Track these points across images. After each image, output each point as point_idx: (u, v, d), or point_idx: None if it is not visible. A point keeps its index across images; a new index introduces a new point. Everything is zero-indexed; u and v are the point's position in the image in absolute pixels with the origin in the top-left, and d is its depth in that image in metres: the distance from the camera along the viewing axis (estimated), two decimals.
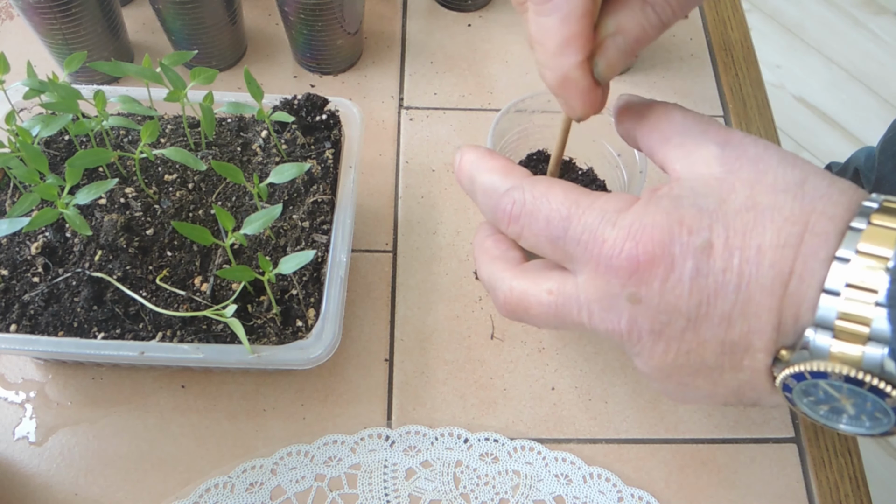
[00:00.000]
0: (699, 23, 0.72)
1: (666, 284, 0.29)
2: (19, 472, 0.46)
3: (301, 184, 0.50)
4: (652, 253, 0.29)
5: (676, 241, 0.29)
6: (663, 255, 0.29)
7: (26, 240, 0.47)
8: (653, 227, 0.29)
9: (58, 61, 0.63)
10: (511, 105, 0.46)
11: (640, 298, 0.30)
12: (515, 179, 0.34)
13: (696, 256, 0.29)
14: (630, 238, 0.29)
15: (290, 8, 0.60)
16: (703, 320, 0.29)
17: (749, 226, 0.29)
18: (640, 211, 0.30)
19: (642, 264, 0.29)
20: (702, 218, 0.29)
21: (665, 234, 0.29)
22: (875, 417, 0.28)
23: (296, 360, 0.42)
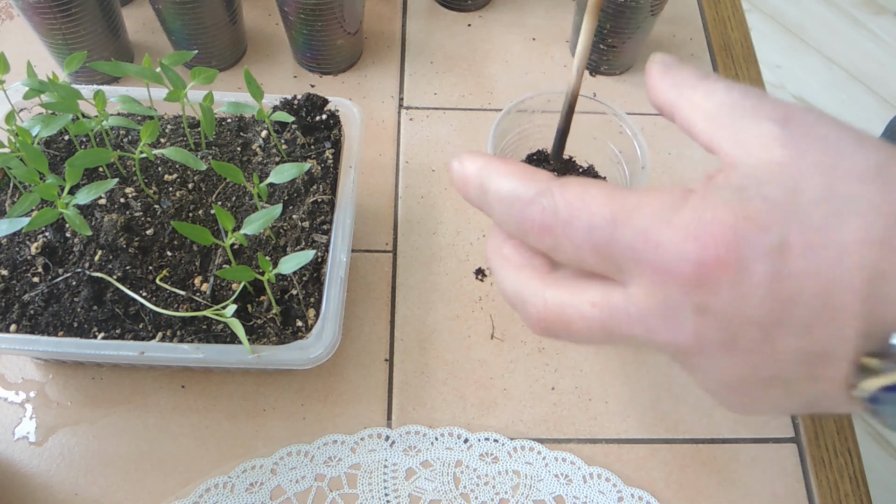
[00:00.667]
0: (699, 23, 0.72)
1: (737, 291, 0.25)
2: (19, 472, 0.46)
3: (301, 184, 0.50)
4: (718, 256, 0.25)
5: (747, 241, 0.25)
6: (732, 257, 0.25)
7: (26, 240, 0.47)
8: (716, 224, 0.25)
9: (58, 61, 0.63)
10: (512, 105, 0.46)
11: (708, 308, 0.26)
12: (540, 183, 0.29)
13: (770, 258, 0.25)
14: (691, 239, 0.25)
15: (290, 8, 0.60)
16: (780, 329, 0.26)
17: (828, 220, 0.25)
18: (699, 206, 0.26)
19: (708, 269, 0.25)
20: (773, 212, 0.25)
21: (732, 232, 0.25)
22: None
23: (296, 360, 0.42)
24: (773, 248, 0.25)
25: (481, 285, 0.55)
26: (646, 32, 0.64)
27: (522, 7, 0.72)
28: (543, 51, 0.69)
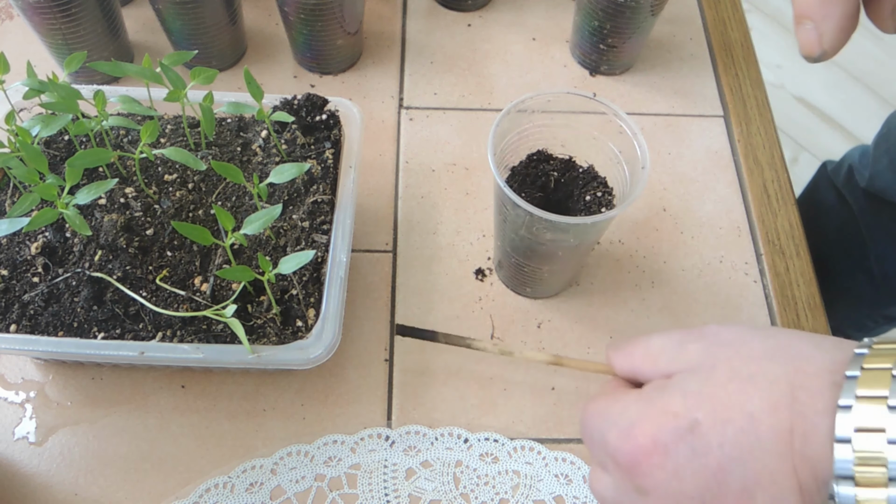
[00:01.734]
0: (699, 23, 0.72)
1: (666, 473, 0.31)
2: (19, 472, 0.46)
3: (301, 184, 0.50)
4: (645, 446, 0.31)
5: (664, 429, 0.31)
6: (656, 445, 0.31)
7: (26, 240, 0.47)
8: (642, 421, 0.32)
9: (58, 61, 0.63)
10: (512, 105, 0.46)
11: (647, 490, 0.32)
12: None
13: (685, 438, 0.30)
14: (625, 437, 0.32)
15: (290, 8, 0.60)
16: (719, 499, 0.30)
17: (735, 396, 0.30)
18: (633, 409, 0.33)
19: (639, 459, 0.32)
20: (686, 400, 0.31)
21: (654, 425, 0.32)
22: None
23: (296, 360, 0.42)
24: (687, 430, 0.30)
25: (481, 285, 0.55)
26: (646, 32, 0.64)
27: (522, 7, 0.72)
28: (543, 51, 0.69)
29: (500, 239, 0.51)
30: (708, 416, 0.30)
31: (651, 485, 0.31)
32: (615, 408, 0.34)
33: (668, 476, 0.31)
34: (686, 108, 0.66)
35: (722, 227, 0.59)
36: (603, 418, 0.35)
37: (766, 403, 0.29)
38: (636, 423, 0.32)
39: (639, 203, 0.60)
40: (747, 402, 0.29)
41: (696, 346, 0.33)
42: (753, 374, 0.30)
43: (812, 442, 0.28)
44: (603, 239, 0.58)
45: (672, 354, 0.34)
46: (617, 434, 0.33)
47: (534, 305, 0.54)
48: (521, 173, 0.50)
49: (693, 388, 0.31)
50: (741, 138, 0.64)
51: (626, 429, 0.33)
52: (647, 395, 0.33)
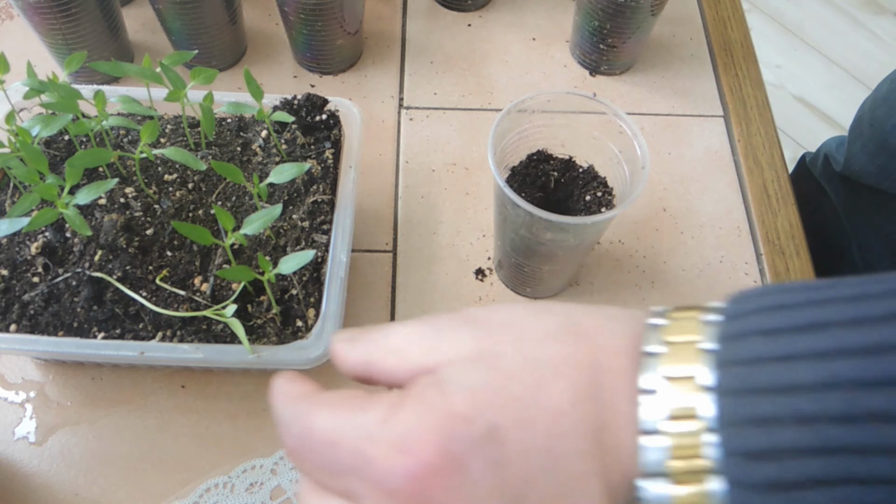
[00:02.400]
0: (699, 23, 0.72)
1: (462, 492, 0.24)
2: (19, 472, 0.46)
3: (301, 184, 0.50)
4: (429, 463, 0.23)
5: (455, 439, 0.24)
6: (444, 460, 0.23)
7: (26, 240, 0.47)
8: (423, 430, 0.24)
9: (58, 61, 0.63)
10: (512, 105, 0.46)
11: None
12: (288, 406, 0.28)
13: (483, 448, 0.23)
14: (399, 451, 0.24)
15: (290, 8, 0.60)
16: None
17: (531, 390, 0.24)
18: (406, 414, 0.25)
19: (424, 480, 0.23)
20: (474, 397, 0.24)
21: (438, 434, 0.24)
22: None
23: (296, 360, 0.42)
24: (484, 438, 0.24)
25: (481, 285, 0.55)
26: (646, 32, 0.64)
27: (522, 7, 0.72)
28: (543, 51, 0.69)
29: (500, 239, 0.51)
30: (505, 418, 0.24)
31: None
32: (369, 415, 0.25)
33: (463, 497, 0.23)
34: (686, 108, 0.66)
35: (722, 227, 0.59)
36: (354, 432, 0.25)
37: (568, 395, 0.24)
38: (412, 431, 0.24)
39: (639, 203, 0.60)
40: (549, 396, 0.24)
41: (463, 332, 0.26)
42: (549, 358, 0.25)
43: (619, 435, 0.23)
44: (603, 239, 0.58)
45: (427, 344, 0.27)
46: (385, 450, 0.24)
47: None
48: (521, 173, 0.50)
49: (479, 382, 0.24)
50: (741, 138, 0.64)
51: (396, 442, 0.24)
52: (418, 394, 0.25)
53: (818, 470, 0.20)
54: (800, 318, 0.22)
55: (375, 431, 0.25)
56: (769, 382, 0.21)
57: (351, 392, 0.27)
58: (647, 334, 0.24)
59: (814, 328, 0.22)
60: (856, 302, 0.22)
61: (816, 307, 0.22)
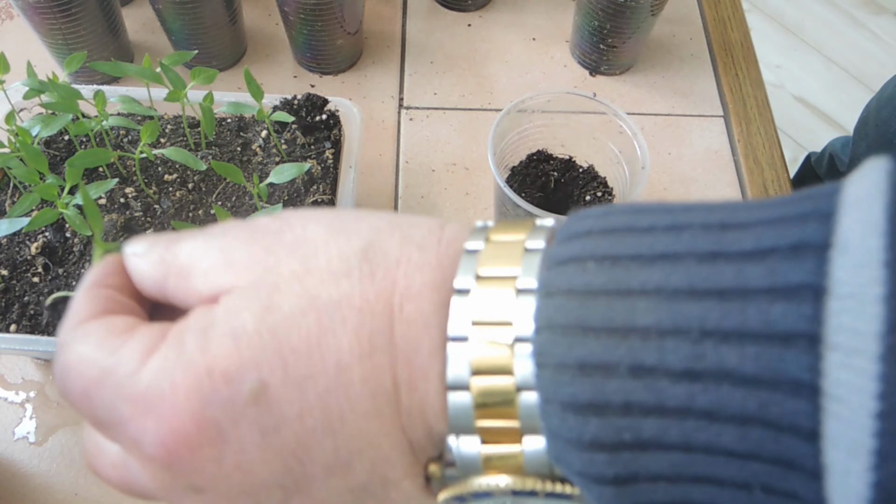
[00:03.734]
0: (699, 23, 0.72)
1: (224, 464, 0.21)
2: (19, 472, 0.46)
3: (301, 184, 0.50)
4: (183, 431, 0.20)
5: (214, 403, 0.20)
6: (200, 427, 0.20)
7: (26, 240, 0.47)
8: (175, 391, 0.20)
9: (58, 61, 0.63)
10: (512, 106, 0.46)
11: (202, 487, 0.21)
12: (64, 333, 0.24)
13: (249, 412, 0.20)
14: (151, 416, 0.20)
15: (290, 8, 0.60)
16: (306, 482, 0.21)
17: (313, 339, 0.20)
18: (156, 363, 0.21)
19: (179, 451, 0.20)
20: (241, 350, 0.20)
21: (193, 395, 0.20)
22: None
23: None
24: (249, 401, 0.20)
25: None
26: (646, 32, 0.64)
27: (522, 7, 0.72)
28: (543, 51, 0.69)
29: None
30: (277, 375, 0.20)
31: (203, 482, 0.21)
32: (121, 358, 0.21)
33: (229, 468, 0.21)
34: (686, 108, 0.66)
35: None
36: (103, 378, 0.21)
37: (356, 346, 0.20)
38: (163, 390, 0.20)
39: None
40: (331, 347, 0.20)
41: (248, 251, 0.22)
42: (335, 299, 0.21)
43: (421, 390, 0.20)
44: None
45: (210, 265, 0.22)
46: (133, 409, 0.20)
47: None
48: (521, 173, 0.50)
49: (248, 326, 0.20)
50: (741, 138, 0.64)
51: (146, 400, 0.20)
52: (177, 336, 0.21)
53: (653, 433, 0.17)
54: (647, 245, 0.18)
55: (125, 383, 0.21)
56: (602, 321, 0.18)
57: (118, 322, 0.23)
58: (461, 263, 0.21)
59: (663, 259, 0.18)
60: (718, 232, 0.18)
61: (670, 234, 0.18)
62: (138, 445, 0.21)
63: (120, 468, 0.23)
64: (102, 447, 0.24)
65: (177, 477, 0.21)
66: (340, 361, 0.20)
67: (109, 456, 0.23)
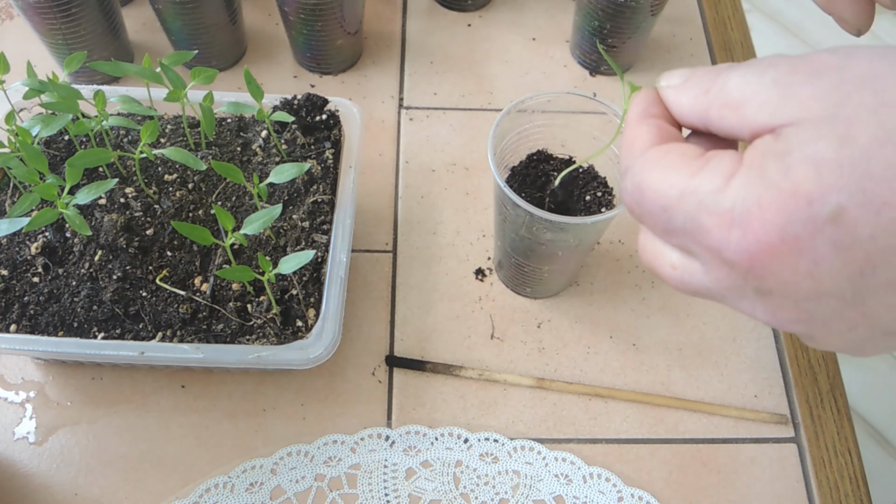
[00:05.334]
0: (699, 23, 0.72)
1: (798, 273, 0.23)
2: (19, 472, 0.46)
3: (301, 184, 0.50)
4: (767, 242, 0.23)
5: (795, 220, 0.22)
6: (783, 240, 0.23)
7: (26, 240, 0.47)
8: (761, 207, 0.23)
9: (58, 61, 0.63)
10: (512, 105, 0.46)
11: (770, 290, 0.24)
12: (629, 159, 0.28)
13: (826, 230, 0.22)
14: (736, 226, 0.24)
15: (290, 8, 0.60)
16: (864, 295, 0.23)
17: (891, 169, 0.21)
18: (742, 186, 0.24)
19: (758, 257, 0.23)
20: (822, 175, 0.22)
21: (779, 213, 0.23)
22: None
23: (296, 360, 0.42)
24: (828, 219, 0.22)
25: (481, 285, 0.55)
26: (646, 32, 0.64)
27: (522, 7, 0.72)
28: (543, 51, 0.69)
29: (500, 239, 0.51)
30: (854, 200, 0.22)
31: (775, 285, 0.24)
32: (704, 182, 0.25)
33: (801, 276, 0.23)
34: None
35: None
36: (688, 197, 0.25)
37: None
38: (751, 208, 0.23)
39: None
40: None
41: (810, 86, 0.23)
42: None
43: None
44: (603, 239, 0.58)
45: (768, 99, 0.24)
46: (719, 223, 0.24)
47: (534, 305, 0.54)
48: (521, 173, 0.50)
49: (828, 156, 0.22)
50: None
51: (734, 216, 0.24)
52: (756, 164, 0.24)
53: None
54: None
55: (709, 201, 0.24)
56: None
57: (686, 149, 0.26)
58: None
59: None
60: None
61: None
62: (719, 252, 0.24)
63: (680, 269, 0.27)
64: (663, 252, 0.28)
65: (749, 280, 0.24)
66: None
67: (669, 258, 0.28)
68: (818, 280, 0.23)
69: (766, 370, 0.52)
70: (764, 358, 0.52)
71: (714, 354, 0.52)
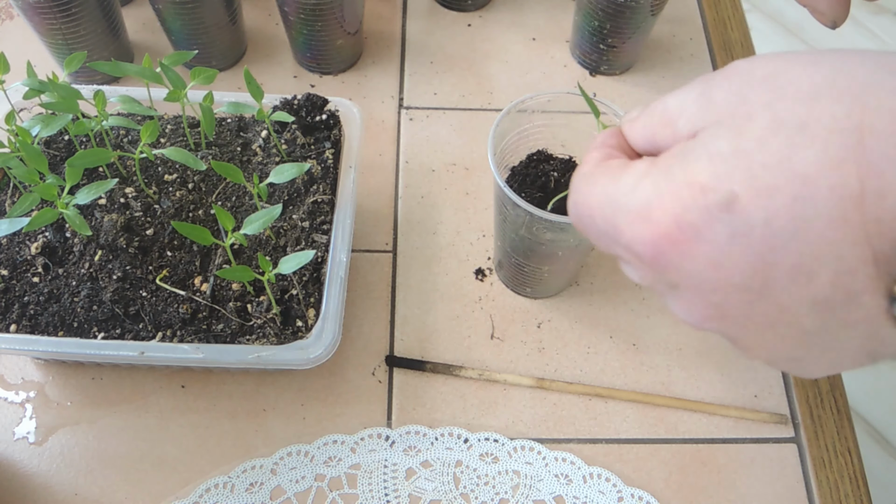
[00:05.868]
0: (699, 23, 0.72)
1: (697, 262, 0.24)
2: (19, 472, 0.46)
3: (301, 184, 0.50)
4: (667, 232, 0.24)
5: (691, 208, 0.24)
6: (680, 228, 0.24)
7: (26, 240, 0.47)
8: (661, 198, 0.25)
9: (58, 61, 0.63)
10: (512, 106, 0.46)
11: (677, 284, 0.26)
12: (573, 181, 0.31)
13: (720, 217, 0.23)
14: (641, 220, 0.25)
15: (290, 8, 0.60)
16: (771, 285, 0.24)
17: (783, 154, 0.22)
18: (650, 184, 0.25)
19: (662, 248, 0.25)
20: (715, 166, 0.24)
21: (674, 203, 0.24)
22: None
23: (296, 360, 0.42)
24: (722, 206, 0.23)
25: (481, 285, 0.55)
26: (646, 32, 0.64)
27: (522, 7, 0.72)
28: (543, 51, 0.69)
29: (500, 239, 0.51)
30: (747, 186, 0.23)
31: (682, 278, 0.25)
32: (620, 185, 0.27)
33: (703, 266, 0.24)
34: None
35: None
36: (606, 202, 0.27)
37: (823, 158, 0.22)
38: (652, 201, 0.25)
39: None
40: (798, 161, 0.22)
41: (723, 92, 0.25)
42: (804, 121, 0.22)
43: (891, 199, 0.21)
44: None
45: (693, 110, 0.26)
46: (629, 219, 0.26)
47: (534, 305, 0.54)
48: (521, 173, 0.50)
49: (723, 149, 0.24)
50: None
51: (639, 211, 0.25)
52: (663, 164, 0.26)
53: None
54: None
55: (623, 201, 0.26)
56: None
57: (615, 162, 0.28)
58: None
59: None
60: None
61: None
62: (632, 248, 0.26)
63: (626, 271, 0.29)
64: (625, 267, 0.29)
65: (658, 273, 0.26)
66: (808, 174, 0.22)
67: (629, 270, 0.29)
68: (720, 269, 0.24)
69: (766, 370, 0.52)
70: None
71: (714, 354, 0.52)
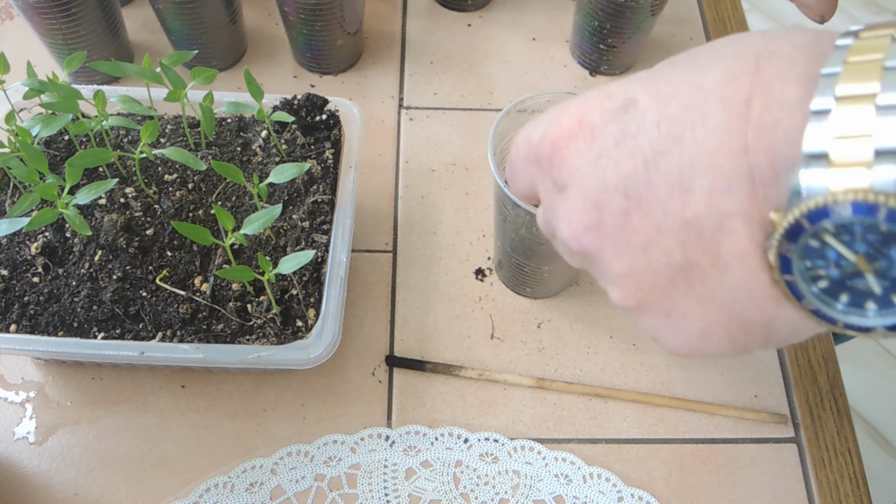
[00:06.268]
0: (699, 23, 0.72)
1: (585, 159, 0.25)
2: (19, 472, 0.46)
3: (301, 184, 0.50)
4: (568, 128, 0.26)
5: (594, 110, 0.26)
6: (581, 126, 0.26)
7: (26, 240, 0.47)
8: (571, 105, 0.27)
9: (58, 61, 0.63)
10: (512, 106, 0.46)
11: (565, 183, 0.26)
12: None
13: (618, 118, 0.25)
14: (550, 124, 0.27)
15: (290, 8, 0.60)
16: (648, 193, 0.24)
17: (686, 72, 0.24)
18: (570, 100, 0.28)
19: (559, 144, 0.26)
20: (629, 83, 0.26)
21: (583, 107, 0.26)
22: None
23: (296, 360, 0.42)
24: (619, 109, 0.25)
25: (481, 285, 0.55)
26: (646, 32, 0.64)
27: (522, 7, 0.72)
28: (543, 51, 0.69)
29: (500, 239, 0.51)
30: (649, 94, 0.24)
31: (568, 175, 0.26)
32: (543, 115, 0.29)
33: (589, 163, 0.25)
34: None
35: None
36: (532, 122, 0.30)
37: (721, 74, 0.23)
38: (564, 108, 0.27)
39: None
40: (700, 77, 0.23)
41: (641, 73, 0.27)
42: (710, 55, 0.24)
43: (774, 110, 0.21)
44: None
45: None
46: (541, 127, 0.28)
47: (534, 305, 0.54)
48: None
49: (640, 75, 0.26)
50: None
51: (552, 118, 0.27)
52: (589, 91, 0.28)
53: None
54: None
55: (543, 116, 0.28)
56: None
57: None
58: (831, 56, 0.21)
59: None
60: None
61: None
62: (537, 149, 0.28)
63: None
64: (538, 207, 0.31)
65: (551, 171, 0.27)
66: (704, 85, 0.23)
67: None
68: (604, 168, 0.25)
69: (765, 370, 0.52)
70: (764, 358, 0.52)
71: None
